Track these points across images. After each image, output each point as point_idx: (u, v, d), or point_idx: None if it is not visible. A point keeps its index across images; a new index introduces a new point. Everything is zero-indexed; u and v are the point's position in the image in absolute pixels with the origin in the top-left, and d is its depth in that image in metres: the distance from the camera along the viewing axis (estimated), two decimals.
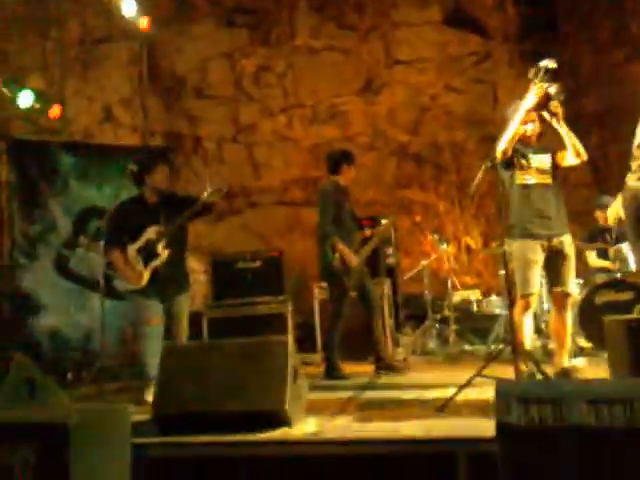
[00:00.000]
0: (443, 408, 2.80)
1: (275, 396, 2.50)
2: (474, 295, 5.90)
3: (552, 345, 3.61)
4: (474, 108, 8.40)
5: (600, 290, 4.70)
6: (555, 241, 3.57)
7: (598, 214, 5.49)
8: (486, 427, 1.94)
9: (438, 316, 5.57)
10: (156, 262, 3.88)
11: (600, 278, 4.92)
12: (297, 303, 5.30)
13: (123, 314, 4.88)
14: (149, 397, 3.40)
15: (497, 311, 5.36)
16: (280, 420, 2.50)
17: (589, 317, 4.53)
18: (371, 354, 4.59)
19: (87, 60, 7.79)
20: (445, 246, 5.84)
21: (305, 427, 2.58)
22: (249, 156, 9.06)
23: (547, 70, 3.24)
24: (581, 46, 8.02)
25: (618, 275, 4.80)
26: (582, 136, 8.88)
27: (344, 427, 2.64)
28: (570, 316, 3.56)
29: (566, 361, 3.49)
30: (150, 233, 3.93)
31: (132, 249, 3.92)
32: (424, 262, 5.77)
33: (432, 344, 5.43)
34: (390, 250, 5.93)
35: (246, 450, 2.35)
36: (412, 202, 8.32)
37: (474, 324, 5.48)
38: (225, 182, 4.27)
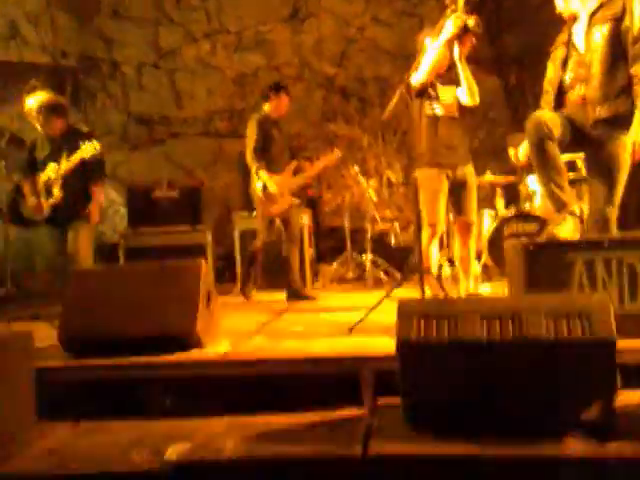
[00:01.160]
0: (352, 329, 2.91)
1: (186, 318, 2.51)
2: (393, 228, 6.07)
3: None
4: (401, 42, 8.33)
5: (508, 222, 4.96)
6: (459, 171, 3.73)
7: (511, 152, 5.68)
8: (392, 345, 2.04)
9: (357, 247, 5.72)
10: (52, 201, 4.09)
11: (509, 211, 5.17)
12: (217, 234, 5.28)
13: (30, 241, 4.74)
14: None
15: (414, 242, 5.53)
16: (191, 342, 2.53)
17: (498, 247, 4.77)
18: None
19: None
20: (366, 179, 5.94)
21: (217, 349, 2.63)
22: (171, 83, 8.71)
23: (466, 1, 3.24)
24: None
25: (526, 207, 5.09)
26: (503, 74, 8.99)
27: (256, 348, 2.71)
28: (474, 243, 3.76)
29: (472, 286, 3.70)
30: (50, 170, 4.08)
31: (41, 180, 4.12)
32: (344, 195, 5.85)
33: (350, 274, 5.60)
34: (312, 182, 5.95)
35: (153, 372, 2.38)
36: (336, 136, 8.31)
37: (392, 255, 5.67)
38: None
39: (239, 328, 3.22)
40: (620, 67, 2.74)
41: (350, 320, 3.08)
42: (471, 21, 3.43)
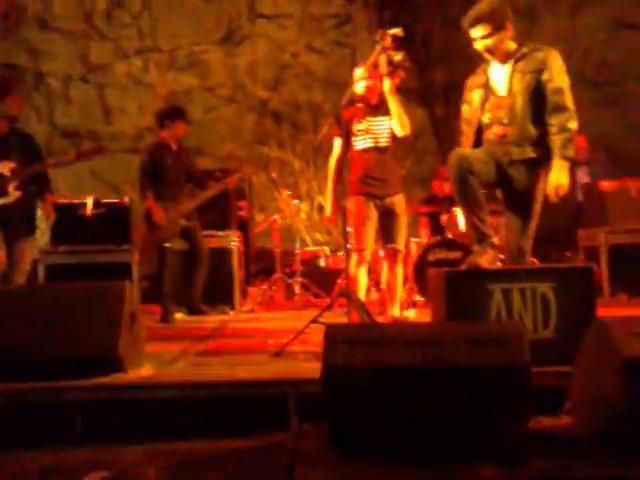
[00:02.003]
0: (280, 354, 2.91)
1: (108, 341, 2.44)
2: (323, 251, 6.15)
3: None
4: (333, 70, 8.54)
5: (433, 249, 5.13)
6: (388, 201, 3.86)
7: (435, 184, 5.96)
8: (317, 370, 2.06)
9: (287, 270, 5.75)
10: (2, 200, 3.83)
11: (434, 238, 5.35)
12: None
13: None
14: None
15: (343, 266, 5.62)
16: (113, 365, 2.46)
17: (422, 273, 4.91)
18: (221, 303, 4.92)
19: None
20: (297, 203, 6.01)
21: (141, 372, 2.56)
22: (100, 98, 8.52)
23: (394, 37, 3.38)
24: (434, 20, 8.43)
25: (449, 236, 5.28)
26: (430, 106, 9.31)
27: (181, 372, 2.66)
28: (401, 270, 3.88)
29: (397, 311, 3.81)
30: (3, 167, 3.85)
31: None
32: (275, 217, 5.89)
33: (279, 296, 5.61)
34: (243, 203, 5.96)
35: (70, 395, 2.29)
36: (269, 158, 8.36)
37: (321, 278, 5.73)
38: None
39: (164, 351, 3.15)
40: (539, 115, 2.95)
41: (277, 343, 3.08)
42: (398, 56, 3.58)
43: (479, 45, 3.01)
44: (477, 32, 2.98)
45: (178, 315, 4.79)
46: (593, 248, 5.10)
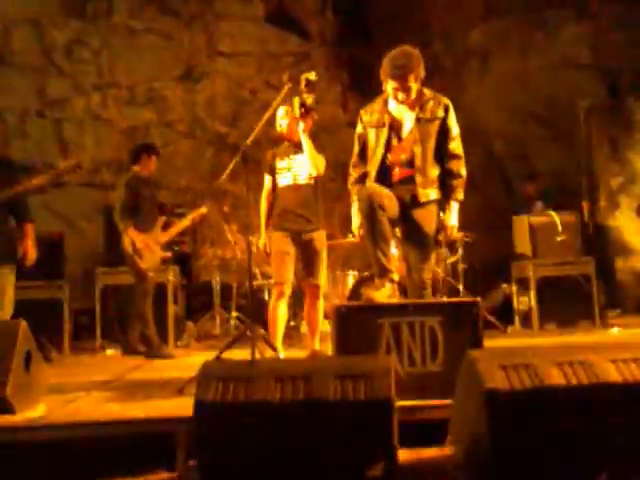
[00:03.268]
0: (182, 390, 2.91)
1: None
2: (269, 284, 6.15)
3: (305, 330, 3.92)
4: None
5: (365, 281, 5.19)
6: (306, 236, 3.92)
7: None
8: None
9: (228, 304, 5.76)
10: None
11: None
12: (79, 289, 5.16)
13: None
14: None
15: None
16: (1, 406, 2.44)
17: None
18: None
19: None
20: (245, 237, 6.04)
21: (29, 413, 2.54)
22: (57, 133, 8.55)
23: (307, 81, 3.49)
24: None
25: None
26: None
27: (73, 411, 2.64)
28: (322, 304, 3.92)
29: (317, 344, 3.83)
30: None
31: None
32: (218, 251, 5.93)
33: (217, 330, 5.60)
34: (185, 238, 5.99)
35: None
36: (226, 192, 8.40)
37: (262, 310, 5.71)
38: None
39: (69, 389, 3.13)
40: (437, 160, 3.09)
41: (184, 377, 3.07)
42: (310, 99, 3.69)
43: (395, 92, 3.11)
44: (403, 82, 3.07)
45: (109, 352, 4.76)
46: (524, 280, 5.20)
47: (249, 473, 2.04)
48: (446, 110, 3.09)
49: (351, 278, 5.41)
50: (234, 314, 5.52)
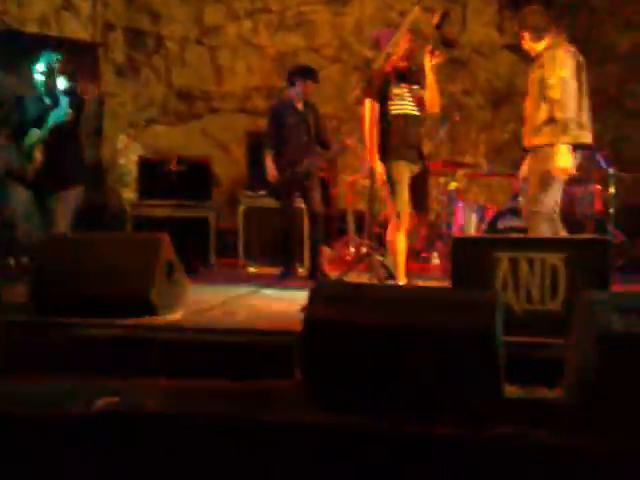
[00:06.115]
0: (304, 309, 3.07)
1: (142, 287, 2.76)
2: None
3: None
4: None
5: (502, 216, 5.00)
6: (417, 169, 3.95)
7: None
8: None
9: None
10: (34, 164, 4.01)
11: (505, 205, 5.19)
12: (226, 210, 5.50)
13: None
14: None
15: None
16: (146, 308, 2.77)
17: None
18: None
19: None
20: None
21: (171, 316, 2.86)
22: (212, 59, 8.95)
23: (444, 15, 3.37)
24: None
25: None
26: None
27: (208, 319, 2.93)
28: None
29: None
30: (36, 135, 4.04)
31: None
32: (350, 177, 6.00)
33: (350, 256, 5.75)
34: (325, 164, 6.08)
35: (107, 332, 2.64)
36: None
37: None
38: None
39: (207, 300, 3.44)
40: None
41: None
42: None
43: None
44: None
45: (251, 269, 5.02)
46: None
47: (353, 391, 2.16)
48: None
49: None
50: (365, 240, 5.63)
